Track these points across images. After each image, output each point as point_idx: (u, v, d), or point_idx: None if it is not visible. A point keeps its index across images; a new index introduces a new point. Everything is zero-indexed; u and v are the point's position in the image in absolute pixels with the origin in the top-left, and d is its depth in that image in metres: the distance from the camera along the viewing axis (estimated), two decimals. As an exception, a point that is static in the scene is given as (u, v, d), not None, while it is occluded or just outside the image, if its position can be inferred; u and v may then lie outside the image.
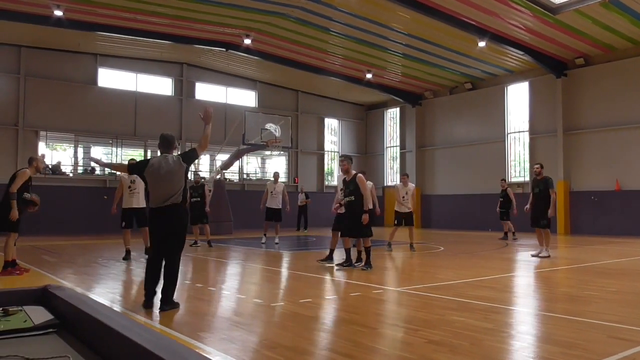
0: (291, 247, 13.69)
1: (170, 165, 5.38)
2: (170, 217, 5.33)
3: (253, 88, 24.65)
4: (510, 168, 21.79)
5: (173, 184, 5.33)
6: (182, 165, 5.38)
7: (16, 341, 1.65)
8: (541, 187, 10.46)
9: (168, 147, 5.56)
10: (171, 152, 5.55)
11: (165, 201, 5.32)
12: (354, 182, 8.54)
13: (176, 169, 5.37)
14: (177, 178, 5.35)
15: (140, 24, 17.58)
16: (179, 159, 5.41)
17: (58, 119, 19.46)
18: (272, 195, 14.08)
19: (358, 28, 17.55)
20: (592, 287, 6.91)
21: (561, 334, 4.30)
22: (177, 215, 5.35)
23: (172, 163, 5.39)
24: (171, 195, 5.31)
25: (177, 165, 5.38)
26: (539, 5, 14.73)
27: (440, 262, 10.29)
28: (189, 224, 9.92)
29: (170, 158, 5.45)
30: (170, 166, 5.37)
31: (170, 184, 5.33)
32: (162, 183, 5.36)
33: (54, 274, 8.10)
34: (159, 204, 5.35)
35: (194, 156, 5.53)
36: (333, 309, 5.65)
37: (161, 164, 5.41)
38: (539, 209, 10.35)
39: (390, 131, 27.52)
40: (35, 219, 18.27)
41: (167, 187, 5.33)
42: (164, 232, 5.37)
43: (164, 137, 5.60)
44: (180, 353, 1.21)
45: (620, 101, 18.17)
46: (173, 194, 5.31)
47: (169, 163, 5.40)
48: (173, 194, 5.31)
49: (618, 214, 18.01)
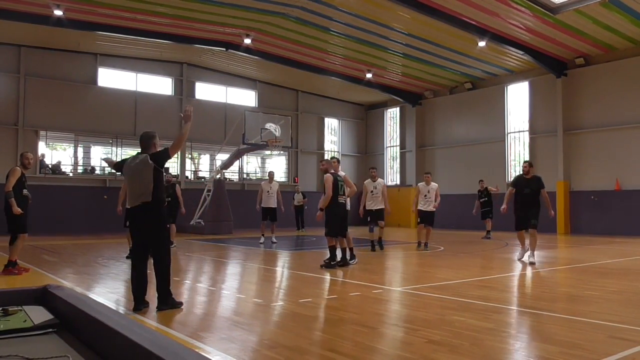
0: (290, 247, 13.68)
1: (137, 164, 5.33)
2: (141, 216, 5.29)
3: (253, 88, 24.65)
4: (510, 168, 21.79)
5: (141, 183, 5.25)
6: (149, 164, 5.23)
7: (16, 341, 1.64)
8: (533, 186, 9.62)
9: (142, 146, 5.48)
10: (147, 150, 5.43)
11: (136, 200, 5.29)
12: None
13: (141, 167, 5.29)
14: (144, 177, 5.25)
15: (140, 23, 17.58)
16: (147, 157, 5.28)
17: (58, 119, 19.45)
18: (268, 194, 14.08)
19: (358, 28, 17.55)
20: (592, 287, 6.90)
21: (561, 334, 4.30)
22: (149, 214, 5.26)
23: (139, 162, 5.32)
24: (140, 195, 5.25)
25: (142, 164, 5.28)
26: (539, 5, 14.73)
27: (440, 261, 10.29)
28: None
29: (140, 157, 5.38)
30: (137, 165, 5.32)
31: (138, 183, 5.27)
32: (131, 182, 5.36)
33: (54, 273, 8.10)
34: (132, 203, 5.36)
35: (164, 156, 5.34)
36: (333, 308, 5.65)
37: (131, 163, 5.41)
38: (531, 209, 9.49)
39: (391, 131, 27.53)
40: (35, 219, 18.34)
41: (136, 186, 5.30)
42: (139, 232, 5.37)
43: (140, 136, 5.57)
44: (180, 353, 1.21)
45: (620, 101, 18.18)
46: (141, 193, 5.24)
47: (136, 162, 5.37)
48: (141, 193, 5.24)
49: (618, 214, 18.01)
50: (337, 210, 8.75)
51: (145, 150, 5.44)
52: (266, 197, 14.07)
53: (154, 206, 5.24)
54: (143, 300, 5.29)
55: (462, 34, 17.10)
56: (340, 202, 8.84)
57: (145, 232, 5.32)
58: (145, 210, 5.25)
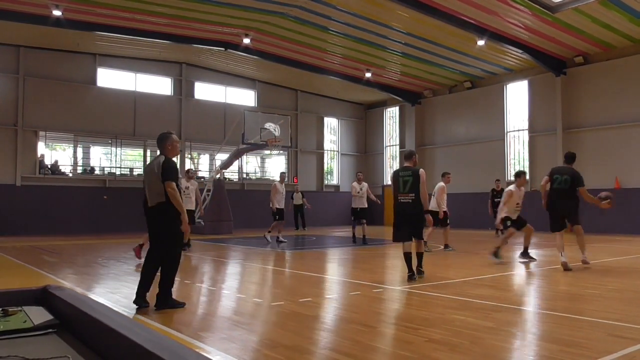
0: (290, 247, 13.69)
1: (152, 166, 5.43)
2: (151, 217, 5.42)
3: (252, 87, 24.64)
4: (509, 166, 21.79)
5: (155, 183, 5.33)
6: (156, 172, 5.31)
7: (16, 341, 1.64)
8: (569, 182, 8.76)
9: (158, 147, 5.60)
10: (162, 152, 5.53)
11: (152, 200, 5.38)
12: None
13: (150, 170, 5.43)
14: (153, 180, 5.34)
15: (139, 23, 17.57)
16: (160, 164, 5.32)
17: (57, 119, 19.45)
18: (282, 195, 14.37)
19: (357, 27, 17.54)
20: (592, 285, 6.91)
21: (561, 332, 4.30)
22: (158, 215, 5.34)
23: (154, 164, 5.41)
24: (156, 194, 5.33)
25: (156, 167, 5.34)
26: (538, 4, 14.73)
27: (440, 260, 10.29)
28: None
29: (157, 159, 5.46)
30: (152, 167, 5.43)
31: (154, 184, 5.35)
32: (147, 182, 5.47)
33: (54, 274, 8.10)
34: (150, 203, 5.44)
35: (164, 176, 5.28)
36: (333, 308, 5.65)
37: (150, 163, 5.56)
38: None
39: (390, 130, 27.52)
40: (35, 219, 18.37)
41: (152, 187, 5.38)
42: (151, 231, 5.48)
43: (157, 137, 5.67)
44: (180, 353, 1.21)
45: (619, 99, 18.18)
46: (158, 193, 5.31)
47: (152, 164, 5.48)
48: (157, 192, 5.31)
49: (618, 212, 17.96)
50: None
51: (161, 151, 5.55)
52: (280, 198, 14.24)
53: (168, 206, 5.30)
54: (144, 299, 5.33)
55: (461, 33, 17.10)
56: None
57: (153, 231, 5.44)
58: (154, 212, 5.37)
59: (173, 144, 5.54)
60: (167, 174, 5.26)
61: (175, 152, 5.63)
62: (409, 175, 7.38)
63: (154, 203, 5.34)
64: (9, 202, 18.00)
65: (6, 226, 17.45)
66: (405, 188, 7.35)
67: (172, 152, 5.54)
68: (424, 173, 7.41)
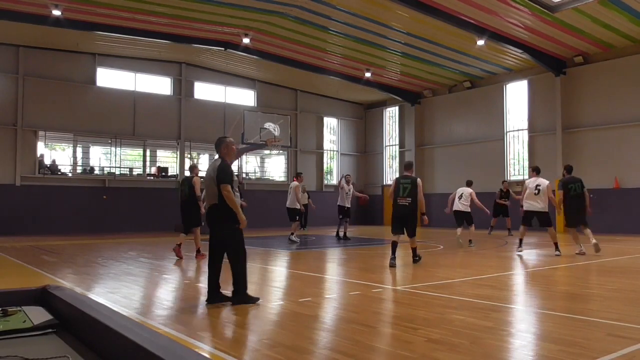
0: (290, 247, 13.68)
1: (210, 170, 5.66)
2: (212, 217, 5.61)
3: (252, 87, 24.64)
4: (509, 166, 21.80)
5: (207, 187, 5.63)
6: (212, 175, 5.53)
7: (15, 341, 1.64)
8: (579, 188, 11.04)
9: (216, 151, 5.79)
10: (220, 155, 5.69)
11: (209, 202, 5.61)
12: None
13: (207, 173, 5.67)
14: (209, 182, 5.56)
15: (139, 23, 17.56)
16: (215, 169, 5.52)
17: (57, 119, 19.44)
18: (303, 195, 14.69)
19: (357, 27, 17.54)
20: (591, 285, 6.91)
21: (561, 332, 4.31)
22: (213, 217, 5.57)
23: (211, 168, 5.64)
24: (212, 196, 5.55)
25: (211, 170, 5.58)
26: (538, 4, 14.73)
27: (440, 260, 10.30)
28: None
29: (213, 164, 5.67)
30: (208, 170, 5.68)
31: (206, 187, 5.68)
32: (206, 184, 5.70)
33: (54, 274, 8.10)
34: (207, 204, 5.68)
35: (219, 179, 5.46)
36: (333, 307, 5.65)
37: (207, 168, 5.85)
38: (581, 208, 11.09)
39: (390, 130, 27.52)
40: (34, 219, 18.37)
41: (206, 190, 5.74)
42: (212, 231, 5.68)
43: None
44: (180, 353, 1.21)
45: (619, 99, 18.18)
46: (207, 197, 5.64)
47: (210, 168, 5.70)
48: (208, 196, 5.63)
49: (617, 212, 18.01)
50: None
51: (219, 155, 5.74)
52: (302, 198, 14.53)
53: (221, 208, 5.47)
54: (215, 295, 5.58)
55: (461, 33, 17.10)
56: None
57: (216, 232, 5.62)
58: (210, 212, 5.58)
59: (228, 147, 5.71)
60: (223, 176, 5.45)
61: (232, 155, 5.81)
62: (408, 183, 9.02)
63: (209, 205, 5.58)
64: (8, 202, 18.00)
65: (6, 226, 17.45)
66: (405, 193, 8.96)
67: (228, 156, 5.72)
68: (421, 182, 9.14)
